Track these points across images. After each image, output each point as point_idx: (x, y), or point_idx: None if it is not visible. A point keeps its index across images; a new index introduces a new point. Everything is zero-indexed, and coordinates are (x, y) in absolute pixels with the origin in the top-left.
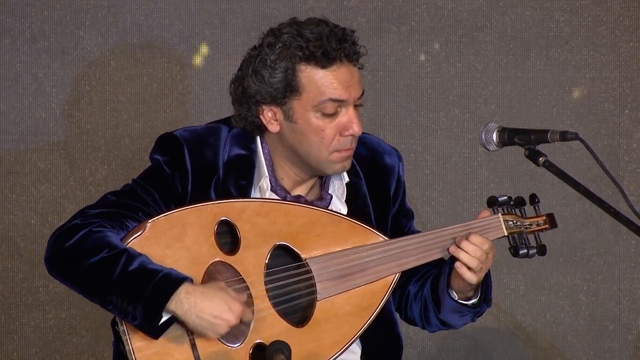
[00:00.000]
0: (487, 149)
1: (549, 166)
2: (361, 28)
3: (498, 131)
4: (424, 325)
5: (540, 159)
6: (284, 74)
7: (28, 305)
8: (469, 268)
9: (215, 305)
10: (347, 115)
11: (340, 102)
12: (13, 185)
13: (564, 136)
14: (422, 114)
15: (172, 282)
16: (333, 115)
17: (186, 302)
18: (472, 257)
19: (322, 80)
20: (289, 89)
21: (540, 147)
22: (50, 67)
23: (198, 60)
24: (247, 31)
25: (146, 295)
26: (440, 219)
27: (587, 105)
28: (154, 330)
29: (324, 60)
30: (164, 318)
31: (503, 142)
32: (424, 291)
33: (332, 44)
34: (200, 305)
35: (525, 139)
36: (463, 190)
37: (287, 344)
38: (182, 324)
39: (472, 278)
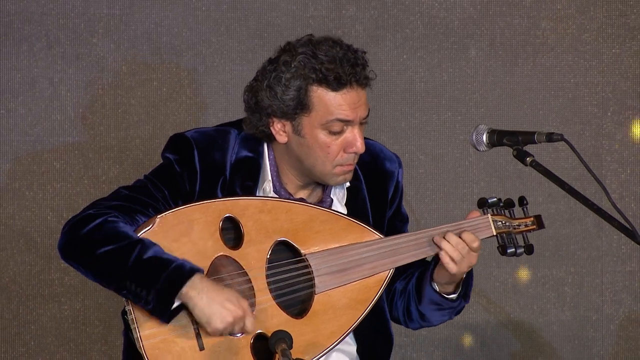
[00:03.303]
0: (478, 150)
1: (536, 166)
2: (359, 35)
3: (488, 133)
4: (406, 320)
5: (528, 159)
6: (297, 93)
7: (44, 296)
8: (451, 258)
9: (226, 296)
10: (352, 133)
11: (346, 122)
12: (30, 184)
13: (550, 137)
14: (416, 117)
15: (186, 271)
16: (339, 133)
17: (199, 286)
18: (453, 248)
19: (332, 102)
20: (299, 107)
21: (528, 148)
22: (65, 72)
23: None
24: (251, 38)
25: (160, 282)
26: (433, 216)
27: (571, 109)
28: (166, 315)
29: (335, 84)
30: (176, 304)
31: (492, 143)
32: (408, 286)
33: (345, 69)
34: (213, 291)
35: (513, 140)
36: (455, 189)
37: (288, 333)
38: (189, 313)
39: (453, 268)
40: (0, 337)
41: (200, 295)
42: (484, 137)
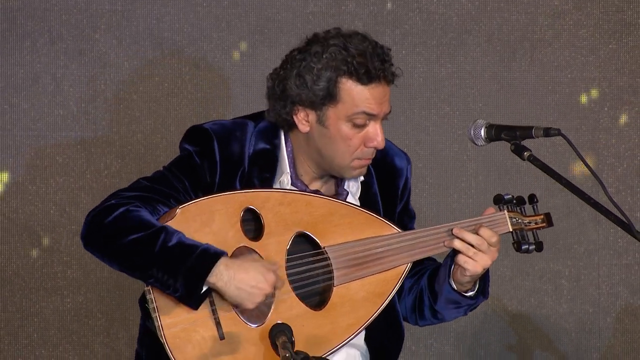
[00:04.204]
0: (476, 144)
1: (534, 160)
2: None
3: (486, 127)
4: (416, 318)
5: (525, 153)
6: (327, 84)
7: (47, 289)
8: (469, 257)
9: (252, 276)
10: (374, 128)
11: (371, 116)
12: (33, 178)
13: (547, 132)
14: (415, 112)
15: (211, 256)
16: (362, 126)
17: (226, 275)
18: (467, 247)
19: (360, 95)
20: (327, 97)
21: (525, 143)
22: (68, 68)
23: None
24: (252, 34)
25: (187, 269)
26: (432, 210)
27: (568, 104)
28: (194, 302)
29: (365, 77)
30: (203, 289)
31: (490, 138)
32: (420, 284)
33: (375, 64)
34: (239, 276)
35: (511, 135)
36: (453, 183)
37: (288, 326)
38: (219, 294)
39: (471, 266)
40: (4, 330)
41: (228, 284)
42: (482, 132)
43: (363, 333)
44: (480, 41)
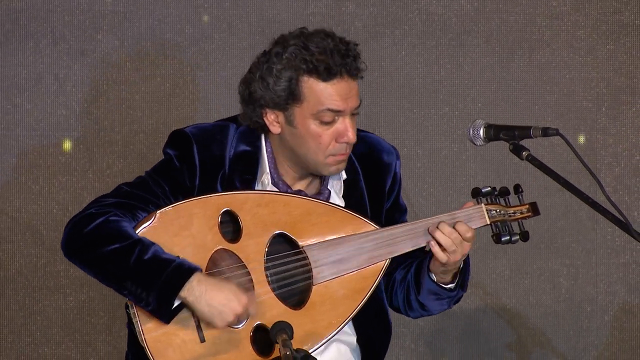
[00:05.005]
0: (475, 144)
1: (532, 160)
2: (358, 32)
3: (485, 127)
4: (406, 310)
5: (524, 153)
6: (288, 83)
7: (50, 288)
8: (442, 247)
9: (225, 295)
10: (344, 124)
11: (337, 112)
12: (36, 178)
13: (546, 132)
14: (415, 112)
15: (184, 271)
16: (330, 123)
17: (197, 290)
18: (446, 237)
19: (323, 92)
20: (291, 97)
21: (524, 142)
22: (70, 68)
23: None
24: (253, 35)
25: (160, 283)
26: (431, 209)
27: (567, 104)
28: (166, 316)
29: (326, 74)
30: (175, 304)
31: (489, 138)
32: (407, 276)
33: (335, 59)
34: (211, 293)
35: (509, 135)
36: (452, 182)
37: (289, 324)
38: (191, 310)
39: (443, 257)
40: (7, 328)
41: (199, 300)
42: (481, 132)
43: (352, 328)
44: (479, 42)
